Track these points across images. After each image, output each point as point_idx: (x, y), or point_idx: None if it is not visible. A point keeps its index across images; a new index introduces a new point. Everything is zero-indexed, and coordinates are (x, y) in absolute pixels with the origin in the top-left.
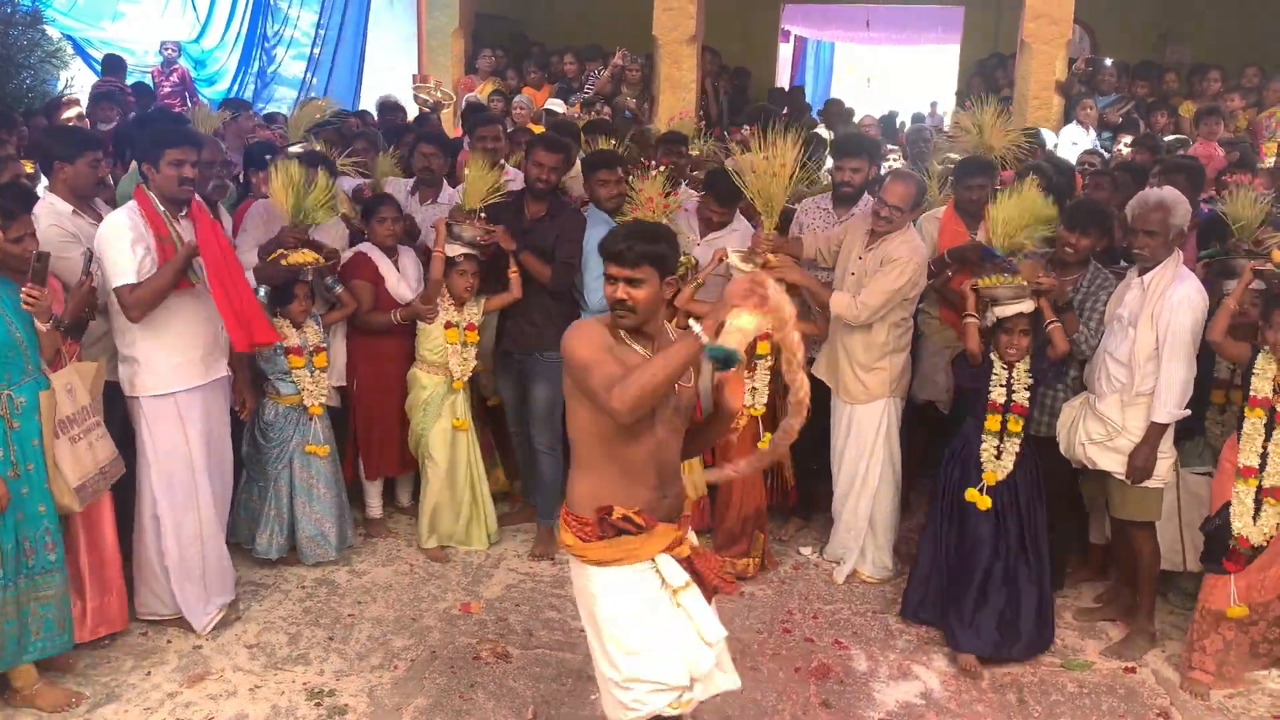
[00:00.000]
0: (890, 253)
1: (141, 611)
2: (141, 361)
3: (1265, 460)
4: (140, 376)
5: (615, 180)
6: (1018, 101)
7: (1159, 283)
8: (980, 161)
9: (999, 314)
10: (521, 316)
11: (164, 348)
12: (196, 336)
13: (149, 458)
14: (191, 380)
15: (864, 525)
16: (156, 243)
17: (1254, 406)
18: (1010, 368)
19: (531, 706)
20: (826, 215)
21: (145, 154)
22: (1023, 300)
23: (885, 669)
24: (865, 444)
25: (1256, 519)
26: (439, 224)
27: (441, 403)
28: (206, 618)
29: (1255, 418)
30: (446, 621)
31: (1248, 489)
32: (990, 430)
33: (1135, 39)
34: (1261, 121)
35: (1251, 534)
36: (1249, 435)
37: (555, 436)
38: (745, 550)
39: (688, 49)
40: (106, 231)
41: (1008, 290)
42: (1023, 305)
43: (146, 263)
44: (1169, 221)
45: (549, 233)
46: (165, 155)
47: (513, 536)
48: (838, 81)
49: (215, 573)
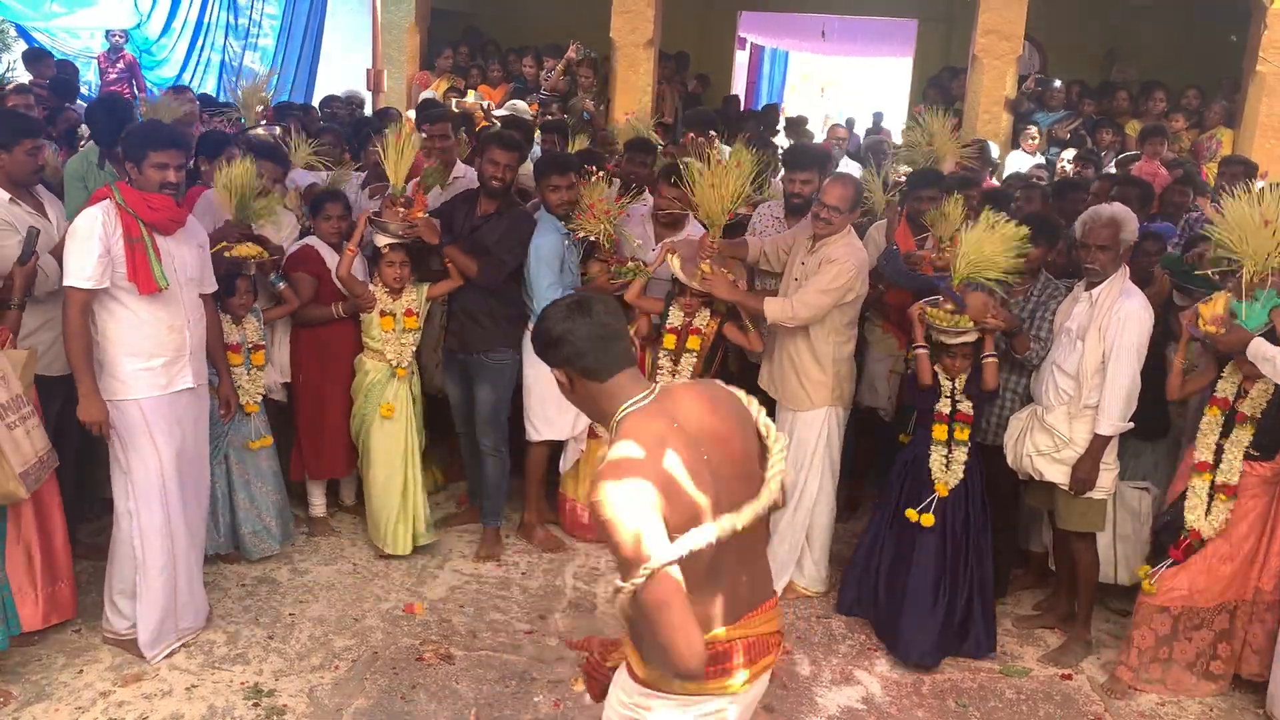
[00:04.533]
0: (829, 255)
1: (106, 631)
2: (105, 366)
3: (1220, 457)
4: (104, 380)
5: (567, 185)
6: (968, 115)
7: (1107, 297)
8: (930, 173)
9: (943, 340)
10: (466, 316)
11: (126, 353)
12: (159, 343)
13: (121, 468)
14: (155, 388)
15: (801, 537)
16: (125, 245)
17: (1213, 405)
18: (954, 379)
19: (474, 709)
20: (778, 224)
21: (129, 153)
22: (967, 334)
23: (828, 674)
24: (805, 454)
25: (1209, 513)
26: (362, 217)
27: (383, 390)
28: (162, 645)
29: (1212, 415)
30: (389, 622)
31: (1202, 483)
32: (938, 440)
33: (1083, 58)
34: (1203, 142)
35: (1203, 527)
36: (1204, 432)
37: (500, 437)
38: None
39: (644, 53)
40: (75, 227)
41: (954, 329)
42: (966, 336)
43: (100, 267)
44: (1119, 237)
45: (495, 230)
46: (149, 157)
47: (458, 538)
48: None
49: (186, 597)
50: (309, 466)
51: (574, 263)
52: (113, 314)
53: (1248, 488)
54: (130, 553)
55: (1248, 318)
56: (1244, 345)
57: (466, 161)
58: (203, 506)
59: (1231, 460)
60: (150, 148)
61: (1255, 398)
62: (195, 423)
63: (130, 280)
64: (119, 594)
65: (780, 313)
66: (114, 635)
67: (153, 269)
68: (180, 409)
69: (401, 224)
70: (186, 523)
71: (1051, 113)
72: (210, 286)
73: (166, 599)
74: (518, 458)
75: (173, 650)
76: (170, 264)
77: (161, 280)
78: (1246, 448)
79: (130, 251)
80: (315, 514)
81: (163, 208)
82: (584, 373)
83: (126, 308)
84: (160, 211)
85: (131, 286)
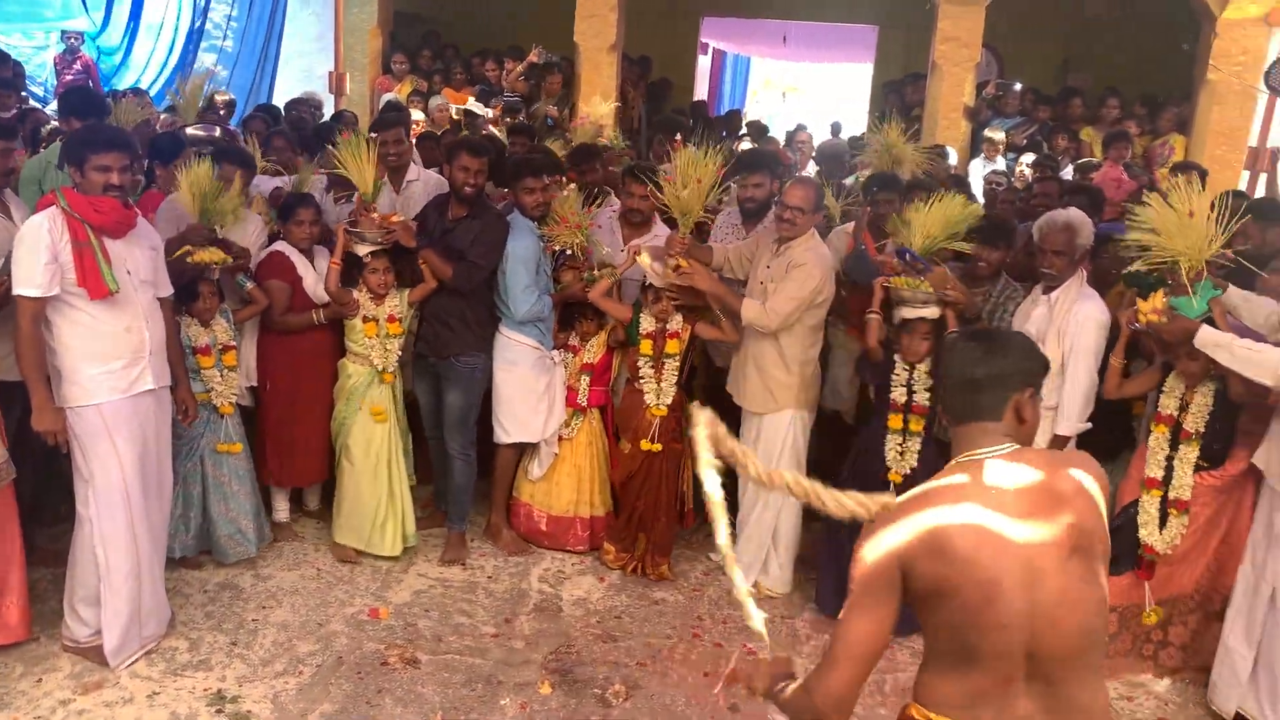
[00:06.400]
0: (796, 259)
1: (65, 639)
2: (64, 372)
3: (1170, 474)
4: (63, 387)
5: (541, 188)
6: (928, 121)
7: (1064, 300)
8: (888, 177)
9: (903, 315)
10: (436, 320)
11: (84, 358)
12: (117, 346)
13: (82, 475)
14: (115, 391)
15: (767, 538)
16: (74, 250)
17: (1159, 422)
18: (911, 368)
19: (439, 712)
20: (736, 230)
21: (70, 157)
22: (928, 306)
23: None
24: (771, 457)
25: (1162, 529)
26: (339, 229)
27: (365, 394)
28: (127, 653)
29: (1160, 433)
30: (354, 627)
31: (1152, 499)
32: (893, 429)
33: (1039, 65)
34: (1156, 148)
35: (1157, 542)
36: (1154, 449)
37: (468, 441)
38: (626, 549)
39: (608, 57)
40: (21, 234)
41: (914, 294)
42: (927, 311)
43: (49, 274)
44: (1075, 241)
45: (469, 234)
46: (90, 160)
47: (424, 541)
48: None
49: (150, 603)
50: (275, 473)
51: (548, 266)
52: (67, 319)
53: (1198, 495)
54: (92, 559)
55: (1187, 311)
56: (1189, 335)
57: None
58: (165, 510)
59: (1182, 477)
60: (90, 150)
61: (1196, 413)
62: (157, 425)
63: (80, 286)
64: (80, 601)
65: (757, 316)
66: (74, 643)
67: (102, 273)
68: (142, 412)
69: (378, 230)
70: (149, 528)
71: (1008, 119)
72: (166, 290)
73: (132, 606)
74: (484, 461)
75: (135, 658)
76: (121, 266)
77: (111, 284)
78: (1195, 461)
79: (79, 256)
80: (279, 519)
81: (109, 210)
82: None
83: (81, 312)
84: (107, 215)
85: (82, 292)
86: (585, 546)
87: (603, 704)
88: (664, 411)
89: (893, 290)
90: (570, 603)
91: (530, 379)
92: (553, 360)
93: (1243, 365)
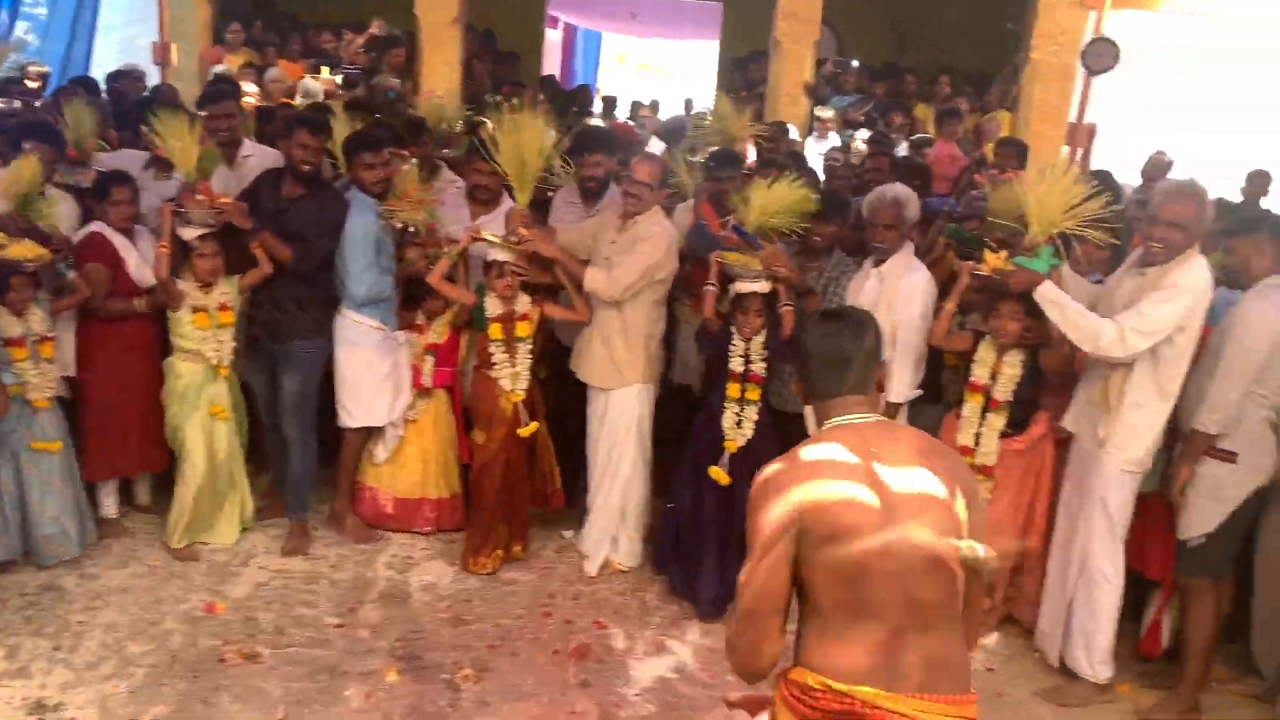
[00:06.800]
0: (641, 232)
1: None
2: None
3: (979, 440)
4: None
5: (382, 163)
6: (771, 98)
7: (894, 272)
8: (728, 154)
9: (737, 289)
10: (272, 304)
11: None
12: None
13: None
14: None
15: (616, 513)
16: None
17: (974, 391)
18: (748, 341)
19: (281, 707)
20: (576, 209)
21: None
22: (759, 281)
23: (642, 646)
24: (617, 432)
25: None
26: (164, 211)
27: (200, 392)
28: None
29: (974, 402)
30: (189, 624)
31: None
32: (731, 398)
33: (876, 42)
34: (984, 124)
35: None
36: (968, 418)
37: (307, 427)
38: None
39: (451, 30)
40: None
41: (746, 269)
42: (758, 285)
43: None
44: (903, 215)
45: (306, 213)
46: None
47: (263, 532)
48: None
49: None
50: (96, 466)
51: (389, 244)
52: None
53: (1004, 460)
54: None
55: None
56: (1032, 285)
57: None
58: None
59: (988, 443)
60: None
61: (1004, 383)
62: None
63: None
64: None
65: (601, 285)
66: None
67: None
68: None
69: (208, 211)
70: None
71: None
72: None
73: None
74: (329, 447)
75: None
76: None
77: None
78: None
79: None
80: (106, 515)
81: None
82: None
83: None
84: None
85: None
86: (433, 528)
87: (452, 688)
88: (522, 396)
89: (725, 265)
90: (418, 588)
91: (374, 361)
92: (397, 341)
93: (1069, 327)
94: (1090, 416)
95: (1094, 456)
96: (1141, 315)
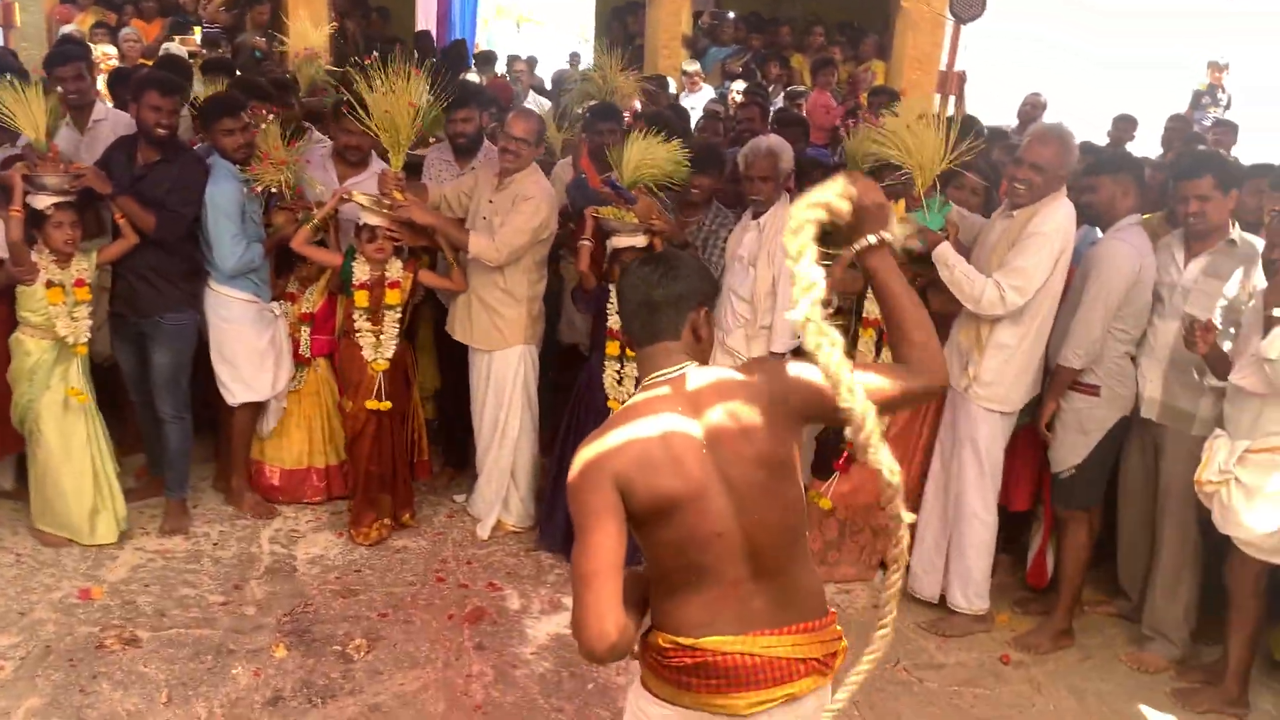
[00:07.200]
0: (522, 191)
1: None
2: None
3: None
4: None
5: (241, 128)
6: (649, 51)
7: (773, 224)
8: (607, 107)
9: (614, 244)
10: (135, 276)
11: None
12: None
13: None
14: None
15: (506, 475)
16: None
17: (866, 326)
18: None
19: (166, 690)
20: (449, 167)
21: None
22: (636, 235)
23: (537, 604)
24: (503, 393)
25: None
26: (13, 176)
27: (51, 370)
28: None
29: (867, 337)
30: (62, 611)
31: None
32: (611, 356)
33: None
34: (859, 74)
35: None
36: (862, 354)
37: (181, 403)
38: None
39: None
40: None
41: (621, 224)
42: (636, 240)
43: None
44: (778, 166)
45: (164, 180)
46: None
47: (139, 513)
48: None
49: None
50: None
51: (256, 212)
52: None
53: None
54: None
55: (929, 223)
56: (933, 247)
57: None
58: None
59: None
60: None
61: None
62: None
63: None
64: None
65: (486, 250)
66: None
67: None
68: None
69: (64, 176)
70: None
71: (723, 48)
72: None
73: None
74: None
75: None
76: None
77: None
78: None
79: None
80: None
81: None
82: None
83: None
84: None
85: None
86: (323, 497)
87: (344, 660)
88: (385, 366)
89: (601, 220)
90: (305, 561)
91: (251, 336)
92: (273, 313)
93: (955, 287)
94: (960, 359)
95: (963, 398)
96: (1016, 271)
